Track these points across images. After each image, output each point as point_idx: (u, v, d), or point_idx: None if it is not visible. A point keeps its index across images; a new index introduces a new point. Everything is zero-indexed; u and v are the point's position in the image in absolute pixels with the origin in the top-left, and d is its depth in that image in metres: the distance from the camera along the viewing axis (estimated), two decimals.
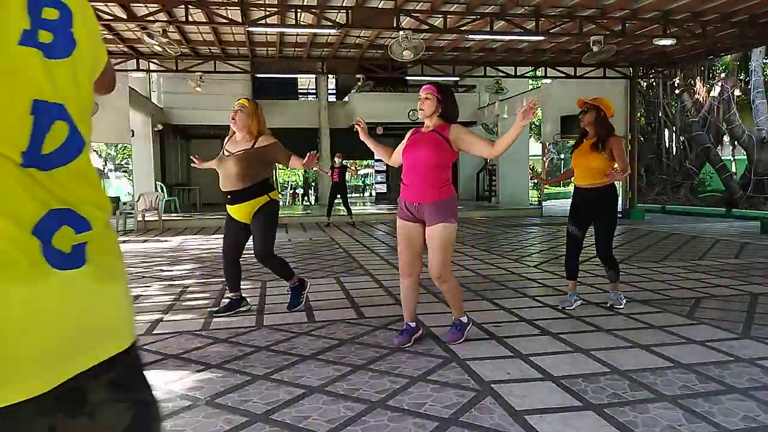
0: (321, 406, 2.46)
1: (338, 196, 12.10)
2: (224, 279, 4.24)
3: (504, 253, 7.29)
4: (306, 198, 23.92)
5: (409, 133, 3.39)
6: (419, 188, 3.18)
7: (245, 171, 3.82)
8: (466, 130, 3.27)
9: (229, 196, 3.89)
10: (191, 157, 4.46)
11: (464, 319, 3.43)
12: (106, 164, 27.53)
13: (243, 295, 4.22)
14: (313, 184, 22.83)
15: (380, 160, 20.16)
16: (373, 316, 4.04)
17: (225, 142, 4.04)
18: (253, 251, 4.06)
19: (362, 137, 3.62)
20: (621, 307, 4.18)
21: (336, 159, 11.84)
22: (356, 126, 3.60)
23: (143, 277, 5.86)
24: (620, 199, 14.85)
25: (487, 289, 4.97)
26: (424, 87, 3.32)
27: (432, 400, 2.51)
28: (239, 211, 3.93)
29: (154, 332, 3.73)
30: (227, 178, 3.86)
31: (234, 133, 3.97)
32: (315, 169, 9.81)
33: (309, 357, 3.14)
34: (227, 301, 4.17)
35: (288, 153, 3.96)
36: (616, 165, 4.01)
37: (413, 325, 3.38)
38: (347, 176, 12.72)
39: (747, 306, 4.21)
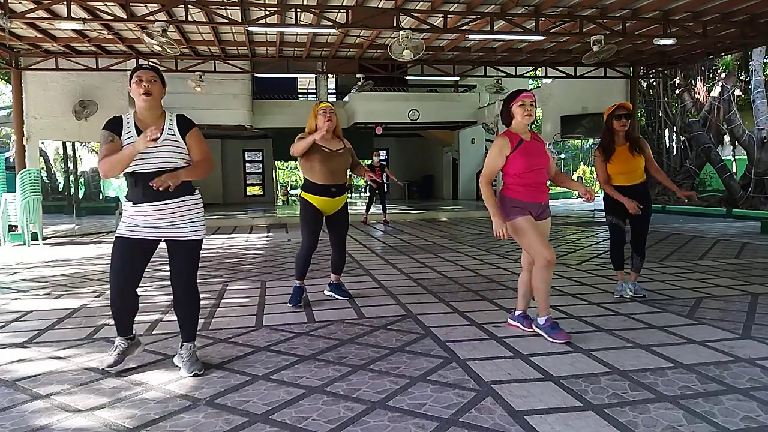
0: (321, 406, 2.46)
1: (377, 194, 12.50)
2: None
3: (504, 253, 7.28)
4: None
5: (508, 139, 3.41)
6: (545, 189, 3.54)
7: None
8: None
9: None
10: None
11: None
12: None
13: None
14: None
15: (382, 161, 20.37)
16: (373, 316, 4.04)
17: None
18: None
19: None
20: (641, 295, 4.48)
21: (374, 158, 12.07)
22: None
23: (142, 277, 5.84)
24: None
25: (488, 289, 4.97)
26: (527, 94, 3.42)
27: (432, 400, 2.50)
28: None
29: (154, 332, 3.73)
30: None
31: None
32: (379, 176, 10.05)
33: (309, 357, 3.14)
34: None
35: None
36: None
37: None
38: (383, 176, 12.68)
39: (747, 306, 4.21)
